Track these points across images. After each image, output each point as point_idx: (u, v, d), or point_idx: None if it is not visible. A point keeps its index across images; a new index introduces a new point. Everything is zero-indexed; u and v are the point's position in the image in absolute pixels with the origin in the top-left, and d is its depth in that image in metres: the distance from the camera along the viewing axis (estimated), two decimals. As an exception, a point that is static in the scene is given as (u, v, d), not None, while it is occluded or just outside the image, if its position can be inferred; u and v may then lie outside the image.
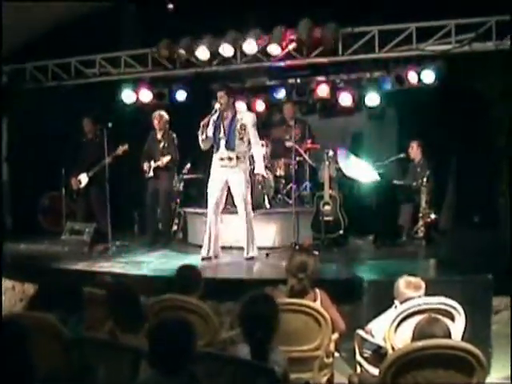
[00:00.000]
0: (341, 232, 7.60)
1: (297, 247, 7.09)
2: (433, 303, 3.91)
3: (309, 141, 8.51)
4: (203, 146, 6.90)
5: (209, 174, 7.01)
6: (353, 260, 7.00)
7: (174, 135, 7.93)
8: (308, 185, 8.44)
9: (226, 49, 7.99)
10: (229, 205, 7.25)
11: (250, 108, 9.16)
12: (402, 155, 8.11)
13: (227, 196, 7.10)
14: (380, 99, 8.60)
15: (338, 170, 7.99)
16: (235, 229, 7.15)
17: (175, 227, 8.43)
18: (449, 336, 3.19)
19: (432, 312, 3.70)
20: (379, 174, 7.76)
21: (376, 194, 7.97)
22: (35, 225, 9.19)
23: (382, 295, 4.53)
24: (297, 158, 8.04)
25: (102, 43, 8.61)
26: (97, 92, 8.82)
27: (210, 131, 6.81)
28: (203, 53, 8.07)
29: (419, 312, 3.79)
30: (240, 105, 8.90)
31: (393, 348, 3.76)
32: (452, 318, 3.86)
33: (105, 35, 8.49)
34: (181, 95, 9.17)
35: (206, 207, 7.01)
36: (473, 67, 7.65)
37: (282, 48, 7.79)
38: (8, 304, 6.39)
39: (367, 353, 4.07)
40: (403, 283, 4.09)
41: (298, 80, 9.23)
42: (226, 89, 7.00)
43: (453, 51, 7.42)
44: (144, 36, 8.91)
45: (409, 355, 3.08)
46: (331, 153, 7.67)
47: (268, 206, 8.12)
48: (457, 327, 3.81)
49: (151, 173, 7.85)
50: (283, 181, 8.46)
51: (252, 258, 6.93)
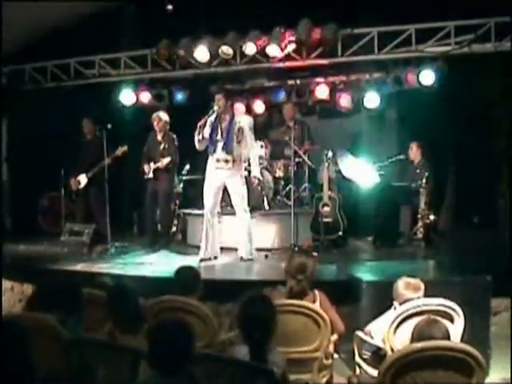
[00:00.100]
0: (340, 233, 7.59)
1: (296, 248, 7.10)
2: (432, 304, 3.91)
3: (308, 142, 8.52)
4: (199, 147, 6.91)
5: (207, 176, 7.03)
6: (352, 261, 6.99)
7: (174, 136, 7.92)
8: (307, 186, 8.43)
9: (226, 50, 7.99)
10: (228, 206, 7.26)
11: (250, 109, 9.17)
12: (402, 156, 8.10)
13: (226, 197, 7.12)
14: (379, 100, 8.60)
15: (338, 172, 7.98)
16: (234, 230, 7.14)
17: (174, 228, 8.42)
18: (448, 337, 3.19)
19: (431, 313, 3.69)
20: (378, 176, 7.77)
21: (375, 196, 7.96)
22: (34, 225, 9.18)
23: (381, 296, 4.53)
24: (296, 160, 8.03)
25: (102, 44, 8.61)
26: (96, 93, 8.81)
27: (207, 132, 6.81)
28: (202, 54, 8.07)
29: (418, 313, 3.79)
30: (239, 106, 8.93)
31: (392, 349, 3.77)
32: (451, 320, 3.86)
33: (104, 36, 8.49)
34: (180, 96, 9.17)
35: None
36: (472, 68, 7.65)
37: (282, 49, 7.80)
38: (7, 305, 6.37)
39: (366, 354, 4.06)
40: (402, 284, 4.10)
41: (298, 81, 9.22)
42: (224, 91, 7.03)
43: (452, 52, 7.43)
44: (143, 37, 8.91)
45: (408, 356, 3.08)
46: (330, 154, 7.65)
47: (267, 208, 8.13)
48: (456, 328, 3.81)
49: (151, 174, 7.85)
50: (282, 182, 8.47)
51: (249, 260, 6.93)
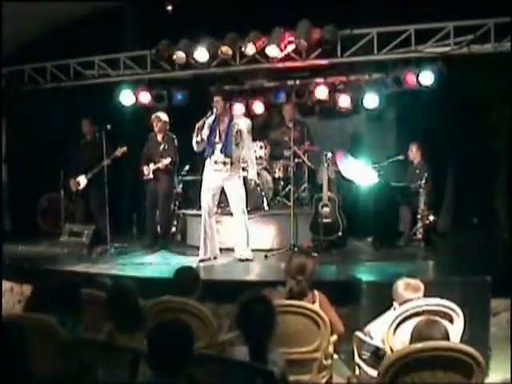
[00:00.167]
0: (339, 234, 7.58)
1: (295, 249, 7.10)
2: (431, 305, 3.92)
3: (307, 142, 8.51)
4: (197, 149, 6.92)
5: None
6: (351, 262, 7.00)
7: (174, 137, 7.91)
8: (307, 186, 8.43)
9: (225, 50, 7.99)
10: (227, 207, 7.26)
11: (249, 109, 9.16)
12: (401, 157, 8.10)
13: (224, 198, 7.13)
14: (379, 101, 8.60)
15: (337, 172, 7.99)
16: (234, 231, 7.14)
17: (174, 229, 8.41)
18: (447, 338, 3.19)
19: (431, 314, 3.70)
20: (378, 176, 7.77)
21: (375, 196, 7.96)
22: (34, 226, 9.18)
23: (381, 297, 4.53)
24: (296, 160, 8.02)
25: (101, 45, 8.60)
26: (96, 94, 8.80)
27: (205, 134, 6.81)
28: (202, 54, 8.07)
29: (418, 314, 3.79)
30: (239, 107, 8.92)
31: (391, 350, 3.77)
32: (451, 320, 3.86)
33: (104, 37, 8.48)
34: (180, 97, 9.17)
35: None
36: (471, 69, 7.65)
37: (281, 50, 7.80)
38: (6, 306, 6.38)
39: (366, 354, 4.07)
40: (402, 285, 4.10)
41: (297, 82, 9.22)
42: (222, 93, 7.03)
43: (451, 53, 7.42)
44: (143, 38, 8.90)
45: (407, 357, 3.08)
46: (330, 154, 7.65)
47: (267, 208, 8.13)
48: (455, 329, 3.81)
49: (150, 175, 7.84)
50: (282, 182, 8.46)
51: (246, 260, 6.94)
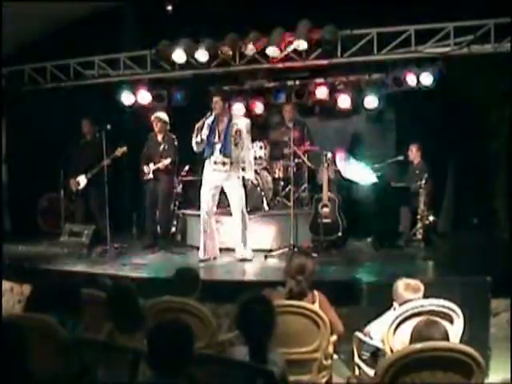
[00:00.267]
0: (339, 234, 7.58)
1: (295, 249, 7.09)
2: (431, 305, 3.91)
3: (307, 143, 8.51)
4: (197, 149, 6.93)
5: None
6: (351, 262, 7.01)
7: (174, 137, 7.90)
8: (307, 187, 8.43)
9: (225, 50, 7.99)
10: (227, 207, 7.25)
11: (249, 110, 9.16)
12: (401, 157, 8.11)
13: (224, 198, 7.13)
14: (378, 101, 8.59)
15: (337, 172, 7.99)
16: (233, 231, 7.14)
17: (174, 229, 8.40)
18: (447, 338, 3.18)
19: (430, 314, 3.70)
20: (377, 176, 7.77)
21: (374, 196, 7.97)
22: (34, 226, 9.17)
23: (381, 297, 4.52)
24: (295, 160, 8.02)
25: (101, 45, 8.60)
26: (96, 93, 8.81)
27: (205, 134, 6.82)
28: (202, 54, 8.06)
29: (418, 314, 3.79)
30: (238, 107, 8.92)
31: (391, 350, 3.76)
32: (451, 321, 3.86)
33: (104, 37, 8.49)
34: (180, 97, 9.17)
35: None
36: (471, 70, 7.66)
37: (281, 50, 7.80)
38: (6, 306, 6.37)
39: (366, 355, 4.07)
40: (402, 285, 4.10)
41: (297, 82, 9.22)
42: (221, 94, 7.05)
43: (451, 53, 7.42)
44: (143, 38, 8.90)
45: (407, 357, 3.08)
46: (330, 155, 7.65)
47: (267, 208, 8.12)
48: (455, 329, 3.81)
49: (150, 175, 7.84)
50: (282, 183, 8.46)
51: (246, 261, 6.94)
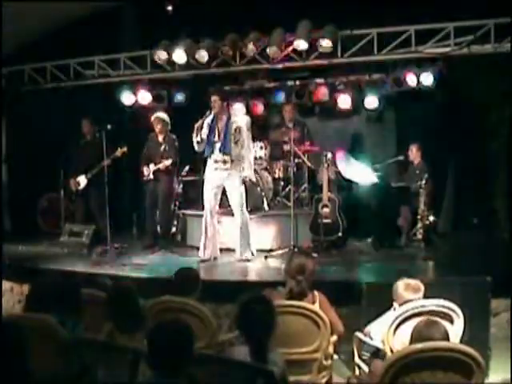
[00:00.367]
0: (339, 234, 7.58)
1: (296, 249, 7.09)
2: (431, 305, 3.91)
3: (307, 143, 8.51)
4: (198, 148, 6.94)
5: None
6: (351, 262, 7.01)
7: (175, 137, 7.90)
8: (307, 187, 8.43)
9: (225, 51, 7.99)
10: (228, 207, 7.25)
11: (249, 110, 9.16)
12: (401, 157, 8.11)
13: (225, 198, 7.13)
14: (379, 101, 8.60)
15: (337, 173, 7.99)
16: (234, 231, 7.13)
17: (174, 229, 8.40)
18: (447, 338, 3.19)
19: (431, 314, 3.70)
20: (378, 176, 7.77)
21: (375, 197, 7.97)
22: (34, 226, 9.16)
23: (381, 297, 4.52)
24: (295, 161, 8.02)
25: (101, 45, 8.60)
26: (96, 94, 8.81)
27: (205, 134, 6.82)
28: (202, 55, 8.06)
29: (418, 314, 3.79)
30: (239, 107, 8.92)
31: (391, 350, 3.76)
32: (451, 321, 3.86)
33: (104, 37, 8.49)
34: (180, 97, 9.18)
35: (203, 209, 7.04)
36: (472, 70, 7.65)
37: (281, 50, 7.80)
38: (6, 306, 6.38)
39: (366, 355, 4.07)
40: (402, 285, 4.10)
41: (297, 82, 9.22)
42: (220, 93, 7.06)
43: (452, 54, 7.42)
44: (143, 38, 8.91)
45: (407, 357, 3.08)
46: (330, 155, 7.65)
47: (267, 208, 8.12)
48: (455, 329, 3.81)
49: (151, 175, 7.84)
50: (282, 183, 8.47)
51: (247, 261, 6.94)
